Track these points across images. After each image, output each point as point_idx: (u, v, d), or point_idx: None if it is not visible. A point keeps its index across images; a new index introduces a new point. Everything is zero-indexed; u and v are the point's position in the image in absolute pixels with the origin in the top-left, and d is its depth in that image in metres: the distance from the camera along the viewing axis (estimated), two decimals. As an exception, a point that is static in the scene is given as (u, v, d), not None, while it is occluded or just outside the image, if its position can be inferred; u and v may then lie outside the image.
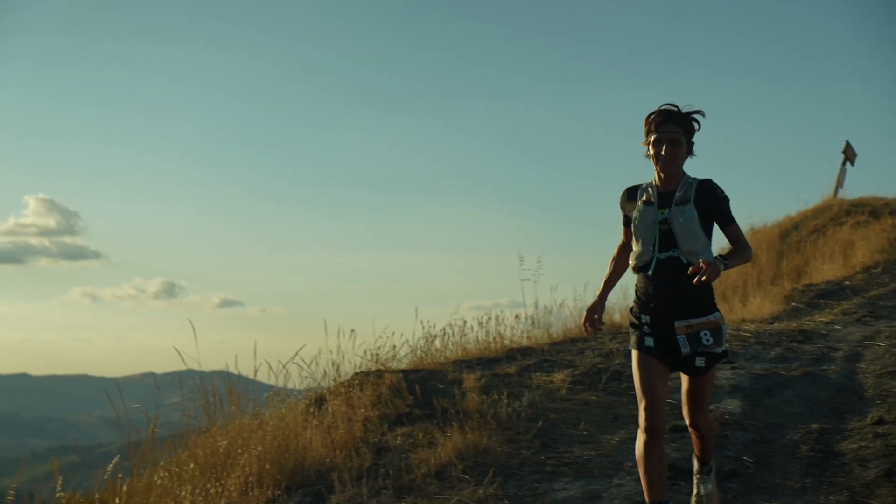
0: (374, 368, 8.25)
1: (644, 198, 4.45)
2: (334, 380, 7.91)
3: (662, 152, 4.32)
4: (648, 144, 4.40)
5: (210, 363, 6.86)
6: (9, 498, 5.74)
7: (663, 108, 4.38)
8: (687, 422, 4.61)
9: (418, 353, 9.13)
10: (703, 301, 4.33)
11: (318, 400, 7.54)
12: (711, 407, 6.91)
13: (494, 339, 10.00)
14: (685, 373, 4.42)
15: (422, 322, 9.54)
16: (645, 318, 4.40)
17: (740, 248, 4.35)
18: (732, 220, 4.39)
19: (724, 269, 4.11)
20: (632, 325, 4.48)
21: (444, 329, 9.71)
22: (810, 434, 6.29)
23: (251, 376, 7.04)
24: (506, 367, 8.67)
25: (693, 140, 4.41)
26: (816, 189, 27.66)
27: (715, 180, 4.42)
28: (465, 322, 10.02)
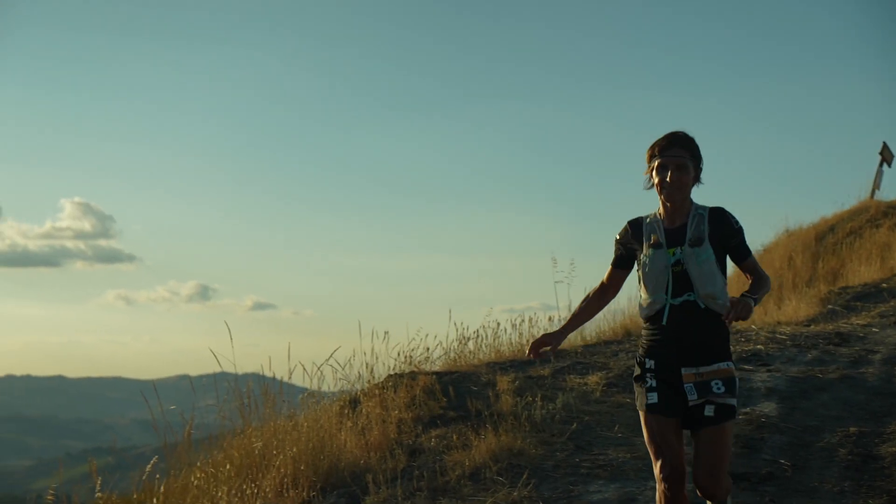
0: (407, 370, 8.27)
1: (652, 240, 3.96)
2: (368, 382, 7.93)
3: (668, 179, 3.86)
4: (651, 171, 3.95)
5: (243, 365, 6.90)
6: (49, 498, 5.80)
7: (670, 134, 3.94)
8: (699, 491, 3.85)
9: (451, 355, 9.13)
10: (717, 347, 3.86)
11: (353, 402, 7.57)
12: (747, 410, 6.91)
13: (528, 341, 9.97)
14: (694, 428, 3.83)
15: (455, 324, 9.54)
16: (649, 363, 3.92)
17: (760, 278, 3.92)
18: (750, 253, 3.98)
19: (754, 305, 3.73)
20: (635, 378, 4.00)
21: (477, 331, 9.70)
22: (848, 437, 6.23)
23: (285, 378, 7.08)
24: (539, 369, 8.66)
25: (701, 166, 3.96)
26: (853, 191, 27.36)
27: (727, 208, 3.97)
28: (498, 324, 10.01)
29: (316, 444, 6.23)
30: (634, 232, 4.05)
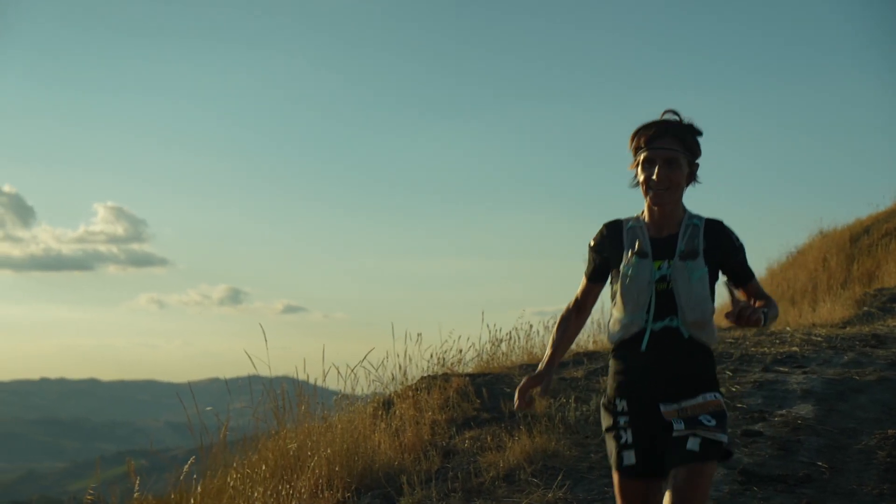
0: (440, 372, 8.27)
1: (636, 247, 3.21)
2: (401, 384, 7.95)
3: (654, 177, 3.12)
4: (637, 166, 3.21)
5: (275, 368, 6.91)
6: (88, 498, 5.86)
7: (661, 120, 3.22)
8: None
9: (484, 357, 9.14)
10: (703, 379, 3.16)
11: (386, 403, 7.59)
12: (783, 412, 6.85)
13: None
14: (671, 464, 3.08)
15: (488, 326, 9.52)
16: (621, 405, 3.21)
17: (770, 303, 3.18)
18: (753, 275, 3.28)
19: (764, 324, 3.04)
20: (606, 429, 3.29)
21: (509, 333, 9.70)
22: (887, 440, 6.16)
23: (319, 381, 7.10)
24: (573, 371, 8.64)
25: (697, 162, 3.23)
26: (888, 192, 27.11)
27: (725, 222, 3.24)
28: (530, 326, 10.00)
29: (350, 446, 6.25)
30: (612, 237, 3.31)
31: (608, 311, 3.34)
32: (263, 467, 6.20)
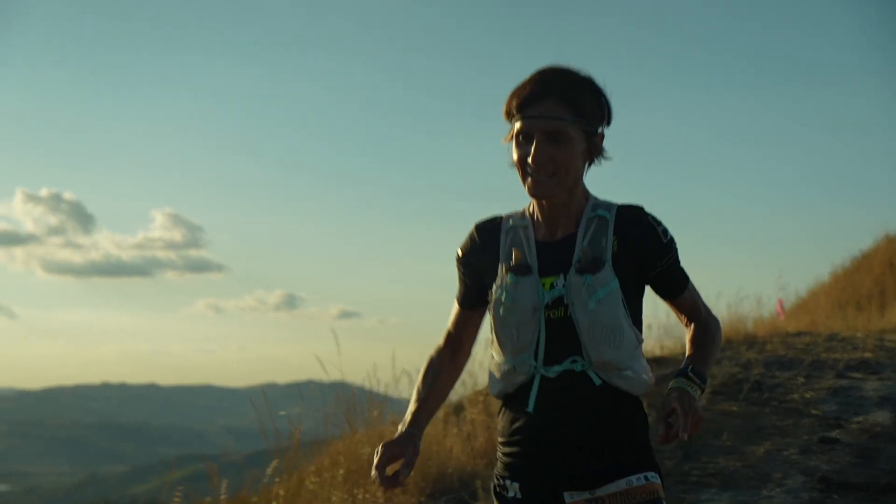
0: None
1: (514, 259, 2.18)
2: (472, 389, 7.97)
3: (530, 159, 2.10)
4: (511, 140, 2.18)
5: (332, 374, 6.94)
6: (175, 499, 5.97)
7: (539, 73, 2.16)
8: None
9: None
10: (628, 451, 2.16)
11: (457, 409, 7.62)
12: (859, 419, 6.76)
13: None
14: None
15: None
16: (513, 490, 2.18)
17: (704, 330, 2.27)
18: (687, 281, 2.25)
19: (701, 392, 2.15)
20: (496, 494, 2.25)
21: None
22: (969, 447, 6.06)
23: (388, 388, 7.13)
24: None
25: (600, 130, 2.17)
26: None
27: (646, 208, 2.20)
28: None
29: (423, 451, 6.27)
30: (485, 244, 2.28)
31: (673, 317, 2.48)
32: (341, 472, 6.27)
